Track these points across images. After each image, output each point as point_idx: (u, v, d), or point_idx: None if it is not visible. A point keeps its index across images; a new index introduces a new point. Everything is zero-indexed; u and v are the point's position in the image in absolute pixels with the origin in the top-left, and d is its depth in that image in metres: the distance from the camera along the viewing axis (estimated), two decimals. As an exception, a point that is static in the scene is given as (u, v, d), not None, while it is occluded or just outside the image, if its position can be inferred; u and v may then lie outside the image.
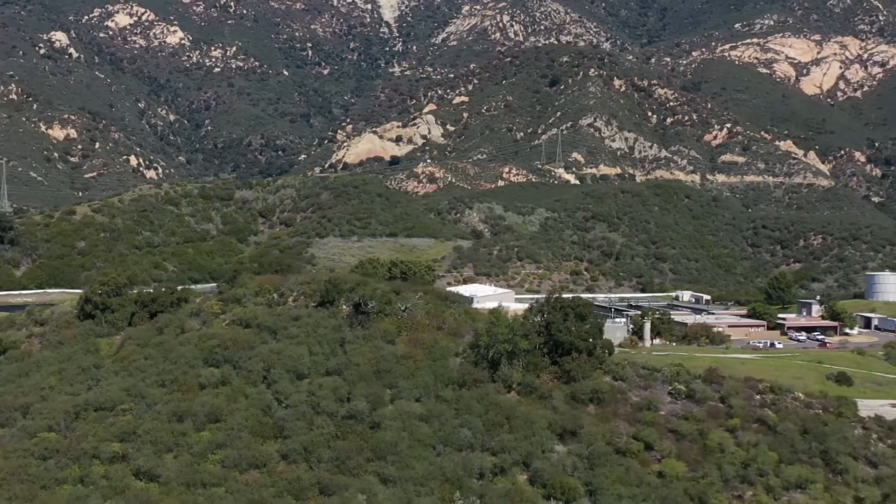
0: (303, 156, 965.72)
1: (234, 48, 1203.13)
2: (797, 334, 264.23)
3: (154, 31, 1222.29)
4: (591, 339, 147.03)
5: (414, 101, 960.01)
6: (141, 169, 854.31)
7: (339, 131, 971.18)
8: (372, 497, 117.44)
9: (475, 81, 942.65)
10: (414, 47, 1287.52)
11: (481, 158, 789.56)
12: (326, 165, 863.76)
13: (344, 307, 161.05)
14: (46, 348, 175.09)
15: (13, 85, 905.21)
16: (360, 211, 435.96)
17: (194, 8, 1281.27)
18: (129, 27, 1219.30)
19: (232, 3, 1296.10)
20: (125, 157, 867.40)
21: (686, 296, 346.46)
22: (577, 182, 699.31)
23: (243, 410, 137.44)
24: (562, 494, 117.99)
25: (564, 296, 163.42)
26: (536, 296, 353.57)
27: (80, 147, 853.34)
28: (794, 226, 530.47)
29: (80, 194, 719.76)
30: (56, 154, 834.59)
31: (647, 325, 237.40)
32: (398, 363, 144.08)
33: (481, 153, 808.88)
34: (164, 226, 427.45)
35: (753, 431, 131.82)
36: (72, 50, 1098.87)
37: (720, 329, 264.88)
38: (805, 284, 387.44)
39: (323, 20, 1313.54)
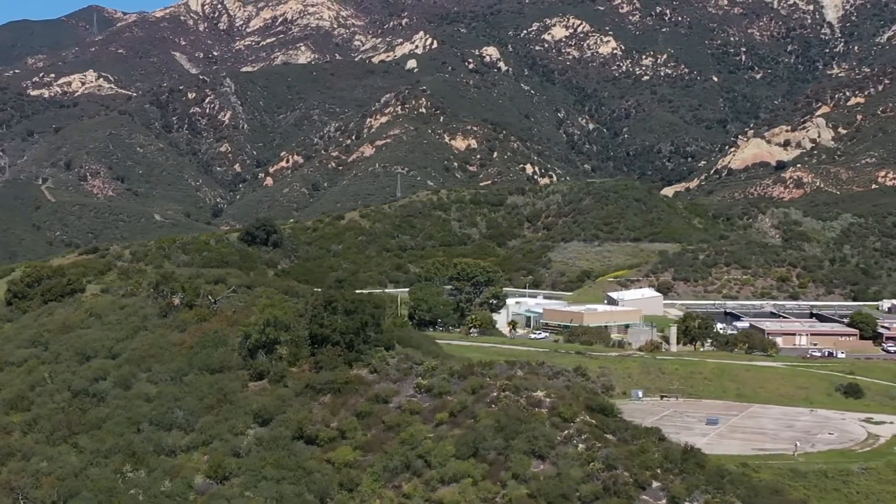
0: (702, 162, 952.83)
1: (665, 55, 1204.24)
2: (889, 345, 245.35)
3: (588, 42, 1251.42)
4: (354, 333, 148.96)
5: (820, 103, 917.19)
6: (535, 177, 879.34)
7: (740, 136, 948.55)
8: (52, 462, 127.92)
9: (886, 81, 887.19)
10: (855, 47, 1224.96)
11: (869, 163, 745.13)
12: (712, 171, 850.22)
13: (175, 299, 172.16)
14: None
15: (423, 99, 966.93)
16: (612, 215, 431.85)
17: (630, 17, 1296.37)
18: (563, 39, 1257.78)
19: (668, 11, 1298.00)
20: (521, 165, 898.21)
21: (885, 305, 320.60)
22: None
23: (16, 385, 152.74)
24: (215, 474, 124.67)
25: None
26: (712, 302, 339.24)
27: (478, 157, 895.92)
28: None
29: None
30: (455, 164, 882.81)
31: (673, 330, 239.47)
32: (167, 349, 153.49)
33: (871, 157, 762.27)
34: (423, 230, 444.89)
35: (458, 427, 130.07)
36: (501, 64, 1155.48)
37: (790, 337, 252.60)
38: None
39: (761, 24, 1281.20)
